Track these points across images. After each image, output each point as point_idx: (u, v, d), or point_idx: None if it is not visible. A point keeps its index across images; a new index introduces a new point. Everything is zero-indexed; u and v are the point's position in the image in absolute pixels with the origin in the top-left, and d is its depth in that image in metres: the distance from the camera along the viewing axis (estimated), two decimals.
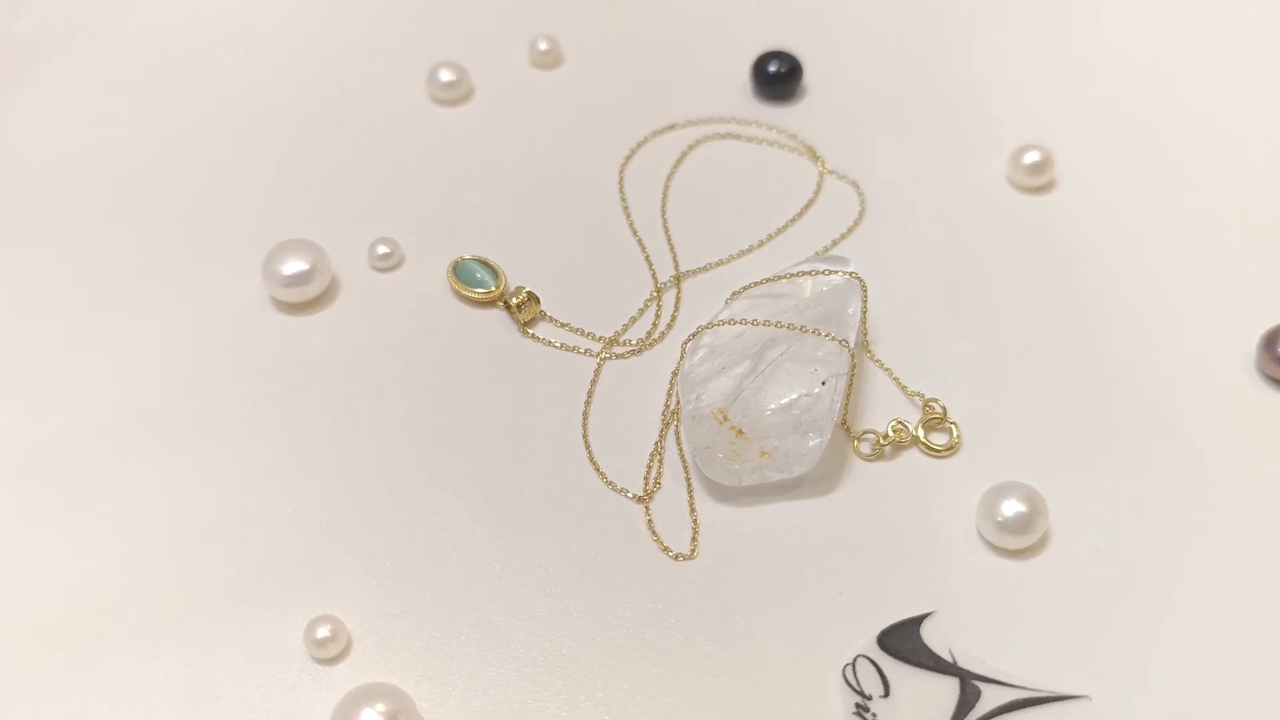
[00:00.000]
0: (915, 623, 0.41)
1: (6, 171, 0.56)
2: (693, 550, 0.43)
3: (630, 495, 0.44)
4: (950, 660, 0.40)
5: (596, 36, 0.60)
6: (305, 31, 0.61)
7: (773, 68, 0.57)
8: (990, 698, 0.39)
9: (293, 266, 0.49)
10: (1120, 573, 0.42)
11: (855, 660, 0.40)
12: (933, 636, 0.41)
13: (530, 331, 0.49)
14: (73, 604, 0.42)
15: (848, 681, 0.40)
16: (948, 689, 0.39)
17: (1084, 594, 0.42)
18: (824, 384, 0.43)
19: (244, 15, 0.62)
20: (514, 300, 0.49)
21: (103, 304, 0.51)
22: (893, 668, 0.40)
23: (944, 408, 0.46)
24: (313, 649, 0.40)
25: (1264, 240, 0.51)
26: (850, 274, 0.47)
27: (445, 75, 0.57)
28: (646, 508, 0.44)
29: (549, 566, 0.43)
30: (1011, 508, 0.42)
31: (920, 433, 0.45)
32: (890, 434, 0.45)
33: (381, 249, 0.51)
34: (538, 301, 0.49)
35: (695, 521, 0.44)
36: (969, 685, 0.39)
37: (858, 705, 0.39)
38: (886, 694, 0.39)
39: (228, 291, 0.51)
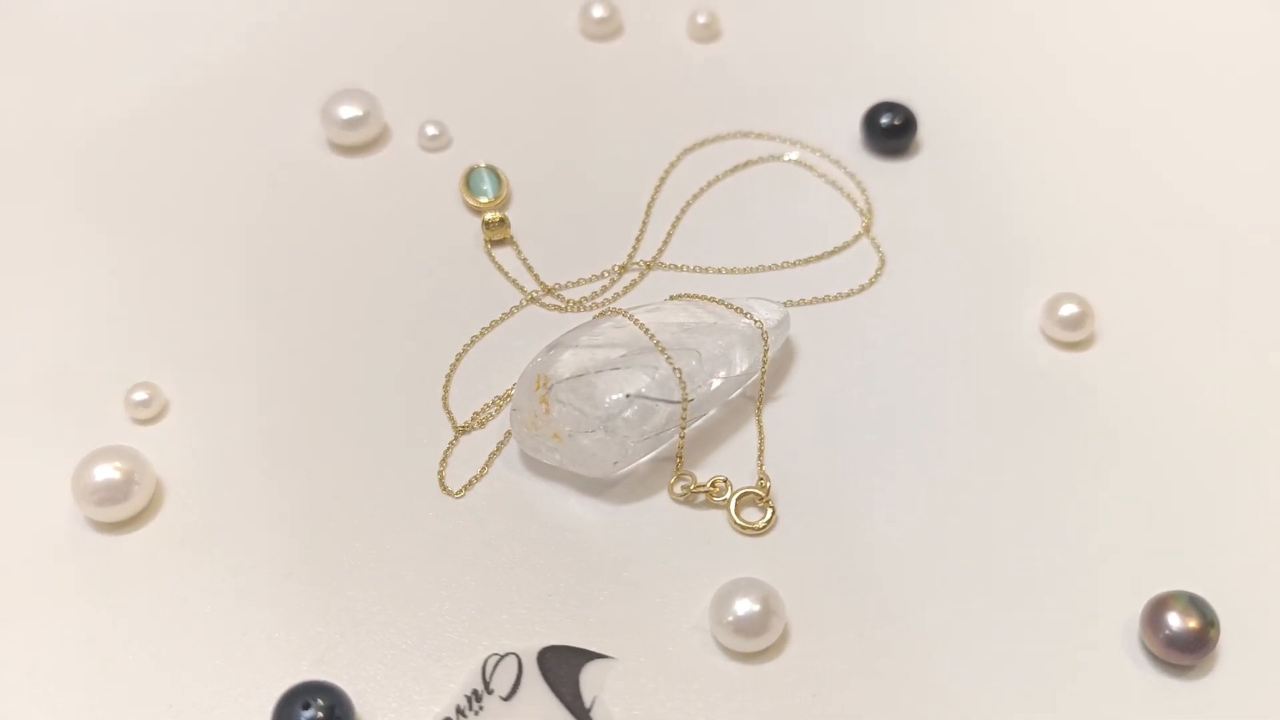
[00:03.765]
0: (584, 655, 0.39)
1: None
2: (462, 491, 0.44)
3: (451, 422, 0.45)
4: (585, 706, 0.38)
5: (756, 29, 0.59)
6: None
7: (884, 119, 0.53)
8: None
9: (347, 111, 0.54)
10: None
11: (506, 655, 0.39)
12: (591, 678, 0.39)
13: (492, 251, 0.51)
14: None
15: (483, 668, 0.39)
16: None
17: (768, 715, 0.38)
18: (628, 397, 0.41)
19: None
20: (488, 218, 0.51)
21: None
22: (532, 681, 0.39)
23: (769, 489, 0.43)
24: (130, 410, 0.46)
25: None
26: (756, 323, 0.45)
27: (598, 11, 0.59)
28: (456, 438, 0.45)
29: (350, 441, 0.45)
30: (744, 607, 0.39)
31: (733, 500, 0.43)
32: (708, 486, 0.43)
33: (430, 130, 0.55)
34: (508, 226, 0.51)
35: (484, 469, 0.44)
36: None
37: (473, 691, 0.39)
38: (508, 698, 0.39)
39: (284, 142, 0.56)
